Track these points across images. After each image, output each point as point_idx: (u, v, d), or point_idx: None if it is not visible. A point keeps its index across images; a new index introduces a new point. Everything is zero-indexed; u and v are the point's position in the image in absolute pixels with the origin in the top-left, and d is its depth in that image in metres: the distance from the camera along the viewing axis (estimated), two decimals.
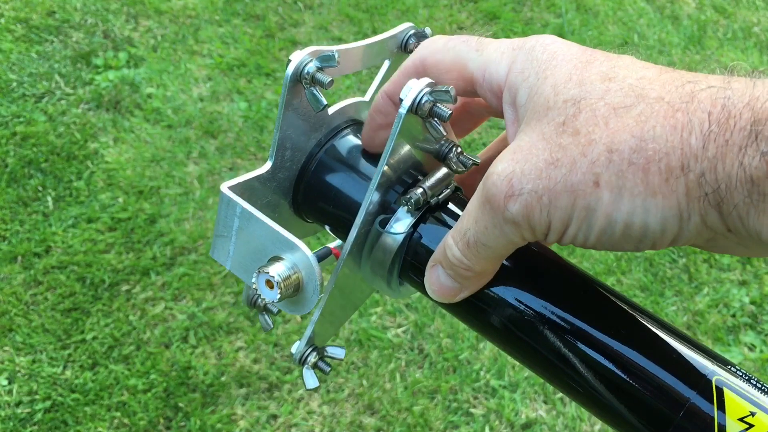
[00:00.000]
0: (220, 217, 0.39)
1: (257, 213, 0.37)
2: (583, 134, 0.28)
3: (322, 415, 1.46)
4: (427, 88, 0.34)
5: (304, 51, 0.38)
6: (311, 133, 0.42)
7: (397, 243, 0.38)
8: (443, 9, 2.49)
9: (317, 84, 0.38)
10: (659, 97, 0.28)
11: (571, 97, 0.29)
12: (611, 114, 0.28)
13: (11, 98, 2.04)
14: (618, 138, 0.27)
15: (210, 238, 1.73)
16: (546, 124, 0.29)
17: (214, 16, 2.38)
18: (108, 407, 1.44)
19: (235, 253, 0.39)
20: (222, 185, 0.38)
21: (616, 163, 0.27)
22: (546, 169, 0.28)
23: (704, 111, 0.26)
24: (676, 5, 2.58)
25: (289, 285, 0.35)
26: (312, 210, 0.44)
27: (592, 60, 0.31)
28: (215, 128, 2.01)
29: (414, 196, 0.37)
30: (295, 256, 0.36)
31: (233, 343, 1.55)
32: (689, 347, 0.33)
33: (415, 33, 0.45)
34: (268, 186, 0.41)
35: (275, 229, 0.36)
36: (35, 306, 1.59)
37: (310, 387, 0.40)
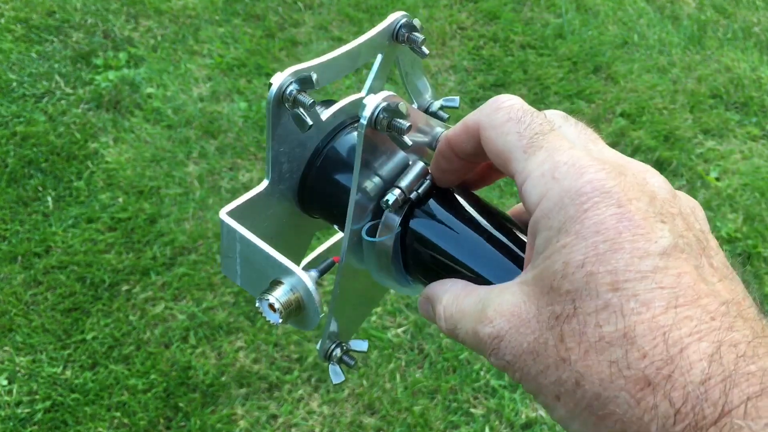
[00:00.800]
0: (223, 241, 0.40)
1: (254, 239, 0.38)
2: (564, 346, 0.28)
3: (322, 415, 1.46)
4: (383, 103, 0.35)
5: (285, 73, 0.39)
6: (306, 141, 0.42)
7: (389, 247, 0.39)
8: (443, 9, 2.49)
9: (299, 105, 0.39)
10: (642, 351, 0.26)
11: (575, 289, 0.28)
12: (594, 344, 0.27)
13: (11, 98, 2.04)
14: (587, 376, 0.27)
15: (210, 238, 1.73)
16: (544, 305, 0.29)
17: (214, 16, 2.38)
18: (108, 407, 1.44)
19: (242, 273, 0.40)
20: (221, 212, 0.40)
21: (578, 398, 0.28)
22: (526, 354, 0.29)
23: (673, 404, 0.25)
24: (676, 5, 2.58)
25: (289, 308, 0.37)
26: (318, 208, 0.44)
27: (617, 248, 0.28)
28: (215, 128, 2.01)
29: (391, 198, 0.37)
30: (293, 279, 0.37)
31: (233, 343, 1.55)
32: None
33: (406, 23, 0.45)
34: (271, 198, 0.42)
35: (271, 255, 0.37)
36: (35, 306, 1.59)
37: (337, 382, 0.41)
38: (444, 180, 0.39)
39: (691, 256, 0.28)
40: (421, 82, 0.49)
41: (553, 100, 2.19)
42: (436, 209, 0.39)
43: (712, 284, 0.28)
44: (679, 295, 0.27)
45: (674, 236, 0.28)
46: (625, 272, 0.27)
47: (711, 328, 0.26)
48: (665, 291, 0.27)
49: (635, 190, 0.29)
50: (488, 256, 0.37)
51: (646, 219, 0.28)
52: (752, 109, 2.20)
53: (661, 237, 0.28)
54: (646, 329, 0.26)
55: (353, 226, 0.38)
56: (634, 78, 2.28)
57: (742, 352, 0.26)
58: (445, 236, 0.38)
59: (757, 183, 1.98)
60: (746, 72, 2.32)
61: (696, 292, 0.27)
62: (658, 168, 2.00)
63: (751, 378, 0.25)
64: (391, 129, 0.36)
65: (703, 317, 0.26)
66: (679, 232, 0.29)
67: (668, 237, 0.28)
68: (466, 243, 0.38)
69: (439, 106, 0.51)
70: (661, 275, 0.27)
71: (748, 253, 1.80)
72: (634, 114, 2.16)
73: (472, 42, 2.38)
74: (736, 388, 0.25)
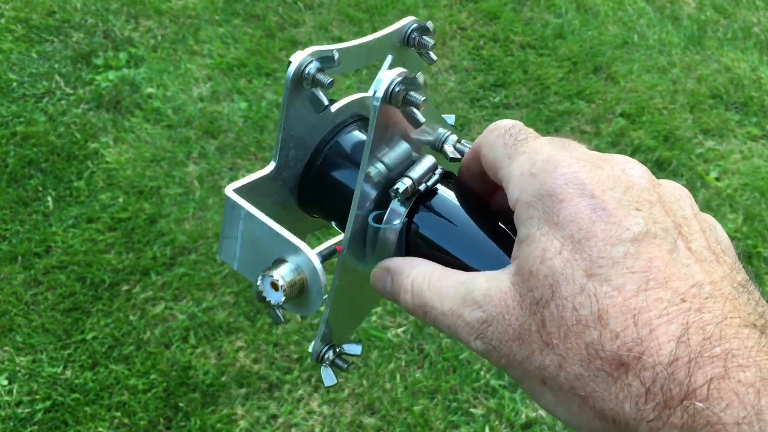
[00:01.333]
0: (225, 219, 0.39)
1: (261, 216, 0.37)
2: (546, 330, 0.29)
3: (322, 414, 1.46)
4: (398, 78, 0.35)
5: (305, 52, 0.38)
6: (315, 129, 0.42)
7: (394, 236, 0.38)
8: (443, 9, 2.50)
9: (318, 85, 0.38)
10: (614, 333, 0.28)
11: (552, 275, 0.29)
12: (571, 327, 0.28)
13: (11, 98, 2.04)
14: (569, 358, 0.29)
15: (210, 238, 1.73)
16: (525, 291, 0.30)
17: (214, 16, 2.38)
18: (108, 407, 1.44)
19: (241, 255, 0.39)
20: (227, 188, 0.39)
21: (561, 381, 0.29)
22: (512, 341, 0.30)
23: (644, 383, 0.27)
24: (676, 5, 2.58)
25: (293, 287, 0.36)
26: (318, 206, 0.44)
27: (591, 236, 0.29)
28: (215, 128, 2.01)
29: (401, 187, 0.37)
30: (299, 258, 0.36)
31: (233, 343, 1.55)
32: None
33: (418, 27, 0.45)
34: (274, 185, 0.41)
35: (278, 232, 0.37)
36: (35, 306, 1.59)
37: (329, 384, 0.40)
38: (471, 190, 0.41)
39: (665, 241, 0.29)
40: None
41: (553, 100, 2.19)
42: (444, 204, 0.39)
43: (687, 266, 0.29)
44: (650, 279, 0.28)
45: (647, 222, 0.29)
46: (598, 259, 0.29)
47: (680, 309, 0.27)
48: (636, 275, 0.28)
49: (610, 181, 0.31)
50: (494, 255, 0.37)
51: (620, 208, 0.30)
52: (752, 109, 2.20)
53: (634, 224, 0.29)
54: (618, 312, 0.28)
55: (358, 212, 0.38)
56: (634, 78, 2.28)
57: (708, 334, 0.26)
58: (449, 231, 0.38)
59: (757, 183, 1.98)
60: (746, 72, 2.32)
61: (667, 275, 0.28)
62: (658, 168, 2.00)
63: (715, 360, 0.26)
64: (406, 103, 0.36)
65: (674, 299, 0.28)
66: (654, 219, 0.30)
67: (641, 224, 0.29)
68: (471, 240, 0.38)
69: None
70: (632, 260, 0.28)
71: (748, 253, 1.80)
72: (634, 114, 2.16)
73: (472, 42, 2.38)
74: (700, 371, 0.26)
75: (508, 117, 2.13)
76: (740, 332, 0.27)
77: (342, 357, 0.42)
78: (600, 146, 2.05)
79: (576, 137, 2.11)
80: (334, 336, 0.42)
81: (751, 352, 0.26)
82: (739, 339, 0.26)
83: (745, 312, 0.28)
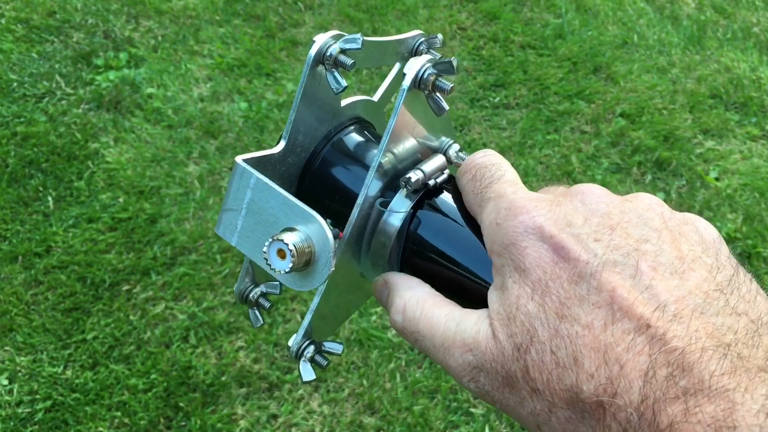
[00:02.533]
0: (231, 189, 0.38)
1: (272, 184, 0.37)
2: (530, 377, 0.30)
3: (322, 414, 1.46)
4: (428, 63, 0.35)
5: (328, 33, 0.39)
6: (324, 120, 0.42)
7: (397, 225, 0.38)
8: (443, 9, 2.50)
9: (339, 66, 0.39)
10: (589, 373, 0.28)
11: (529, 321, 0.30)
12: (552, 371, 0.29)
13: (12, 98, 2.04)
14: (557, 403, 0.29)
15: (210, 238, 1.73)
16: (507, 337, 0.31)
17: (214, 16, 2.38)
18: (108, 407, 1.44)
19: (243, 228, 0.38)
20: (237, 157, 0.38)
21: (554, 425, 0.29)
22: (503, 387, 0.31)
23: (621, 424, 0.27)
24: (676, 5, 2.58)
25: (302, 255, 0.35)
26: (316, 203, 0.44)
27: (556, 277, 0.30)
28: (216, 128, 2.01)
29: (414, 177, 0.38)
30: (310, 228, 0.35)
31: (233, 342, 1.55)
32: None
33: (426, 40, 0.45)
34: (277, 169, 0.41)
35: (291, 200, 0.36)
36: (36, 306, 1.60)
37: (307, 380, 0.40)
38: None
39: (626, 267, 0.29)
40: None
41: (553, 100, 2.19)
42: (448, 203, 0.39)
43: (649, 288, 0.29)
44: (616, 310, 0.28)
45: (606, 252, 0.30)
46: (566, 299, 0.29)
47: (646, 338, 0.27)
48: (602, 310, 0.28)
49: (568, 217, 0.32)
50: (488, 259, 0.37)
51: (578, 243, 0.30)
52: (752, 109, 2.21)
53: (593, 257, 0.30)
54: (589, 350, 0.28)
55: (369, 192, 0.38)
56: (634, 78, 2.28)
57: (673, 366, 0.26)
58: (450, 233, 0.38)
59: (757, 183, 1.98)
60: (746, 72, 2.32)
61: (630, 302, 0.28)
62: (658, 168, 2.00)
63: (677, 401, 0.26)
64: (435, 89, 0.36)
65: (639, 327, 0.28)
66: (613, 245, 0.30)
67: (600, 255, 0.30)
68: (470, 242, 0.38)
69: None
70: (596, 295, 0.29)
71: (748, 252, 1.80)
72: (633, 114, 2.16)
73: (472, 42, 2.38)
74: (664, 412, 0.26)
75: (508, 117, 2.14)
76: (703, 358, 0.26)
77: (322, 354, 0.42)
78: (600, 146, 2.05)
79: (576, 137, 2.11)
80: (315, 333, 0.41)
81: (713, 380, 0.26)
82: (702, 366, 0.26)
83: (715, 325, 0.27)
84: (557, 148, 2.04)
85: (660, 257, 0.30)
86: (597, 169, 1.99)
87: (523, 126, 2.09)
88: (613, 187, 1.93)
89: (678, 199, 1.93)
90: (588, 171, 1.99)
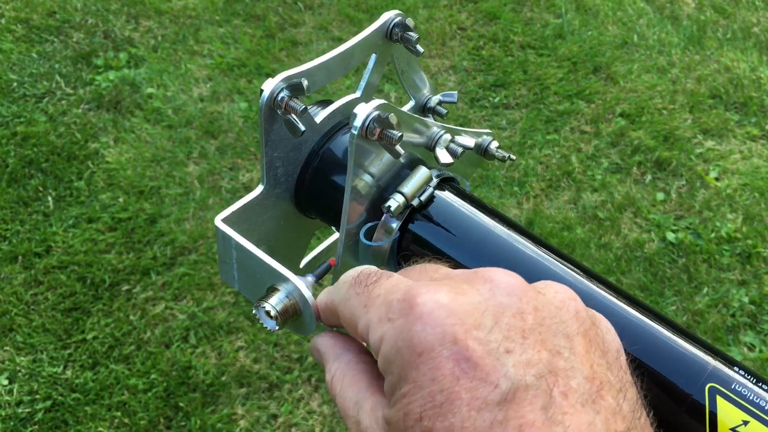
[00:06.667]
0: (219, 247, 0.40)
1: (249, 246, 0.38)
2: None
3: (322, 414, 1.46)
4: (374, 113, 0.35)
5: (276, 79, 0.38)
6: (301, 145, 0.42)
7: (386, 250, 0.39)
8: (443, 9, 2.50)
9: (291, 111, 0.38)
10: None
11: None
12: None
13: (12, 98, 2.04)
14: None
15: (210, 238, 1.74)
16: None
17: (214, 16, 2.38)
18: (108, 407, 1.44)
19: (239, 278, 0.40)
20: (216, 219, 0.39)
21: None
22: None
23: None
24: (676, 5, 2.58)
25: (286, 314, 0.36)
26: (315, 211, 0.44)
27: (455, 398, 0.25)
28: (215, 128, 2.01)
29: (393, 204, 0.38)
30: (289, 285, 0.36)
31: (233, 342, 1.55)
32: (688, 342, 0.33)
33: (399, 22, 0.44)
34: (268, 201, 0.42)
35: (266, 262, 0.37)
36: (36, 306, 1.60)
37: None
38: None
39: (538, 393, 0.25)
40: (419, 77, 0.49)
41: (552, 101, 2.19)
42: (438, 214, 0.39)
43: (562, 423, 0.25)
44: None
45: (518, 372, 0.25)
46: (461, 429, 0.24)
47: None
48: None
49: (476, 313, 0.27)
50: (484, 261, 0.37)
51: (487, 355, 0.25)
52: (752, 109, 2.21)
53: (502, 379, 0.25)
54: None
55: (348, 226, 0.38)
56: (634, 78, 2.28)
57: None
58: (443, 241, 0.39)
59: (757, 183, 1.98)
60: (746, 72, 2.32)
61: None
62: (658, 168, 2.00)
63: None
64: (383, 139, 0.36)
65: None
66: (526, 361, 0.26)
67: (510, 377, 0.25)
68: (464, 248, 0.38)
69: (438, 102, 0.51)
70: (500, 430, 0.24)
71: (748, 253, 1.80)
72: (633, 114, 2.16)
73: (472, 42, 2.38)
74: None
75: (507, 117, 2.13)
76: None
77: None
78: (600, 146, 2.05)
79: (576, 137, 2.11)
80: None
81: None
82: None
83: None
84: (557, 148, 2.04)
85: (572, 380, 0.26)
86: (597, 169, 1.99)
87: (523, 126, 2.09)
88: (613, 187, 1.94)
89: (678, 199, 1.93)
90: (588, 171, 1.99)
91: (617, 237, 1.82)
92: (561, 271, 0.36)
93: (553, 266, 0.36)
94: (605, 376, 0.27)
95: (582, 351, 0.27)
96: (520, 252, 0.37)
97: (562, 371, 0.26)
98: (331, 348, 0.34)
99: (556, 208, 1.89)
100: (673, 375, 0.32)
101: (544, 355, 0.26)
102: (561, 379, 0.25)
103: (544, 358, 0.26)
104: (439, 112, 0.51)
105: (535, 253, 0.37)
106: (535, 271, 0.36)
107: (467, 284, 0.28)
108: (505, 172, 1.97)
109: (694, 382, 0.31)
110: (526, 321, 0.27)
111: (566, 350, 0.27)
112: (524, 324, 0.27)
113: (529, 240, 0.38)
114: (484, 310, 0.27)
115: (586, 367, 0.26)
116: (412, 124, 0.40)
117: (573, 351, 0.27)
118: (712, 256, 1.79)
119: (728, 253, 1.80)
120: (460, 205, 0.40)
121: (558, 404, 0.25)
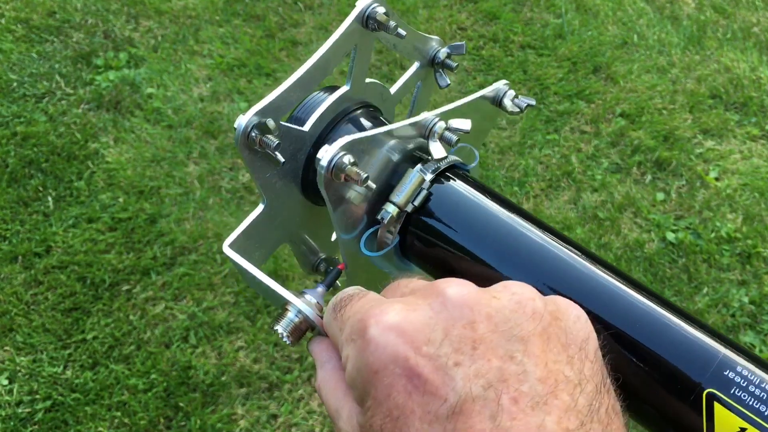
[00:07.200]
0: (236, 268, 0.42)
1: (256, 273, 0.39)
2: None
3: (322, 414, 1.46)
4: (341, 152, 0.35)
5: (247, 115, 0.38)
6: (296, 152, 0.42)
7: (391, 253, 0.40)
8: (443, 9, 2.50)
9: (266, 147, 0.38)
10: None
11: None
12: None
13: (12, 98, 2.04)
14: None
15: (210, 238, 1.74)
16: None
17: (214, 16, 2.38)
18: (108, 407, 1.44)
19: (260, 292, 0.42)
20: (224, 245, 0.41)
21: None
22: None
23: None
24: (676, 5, 2.58)
25: (297, 331, 0.37)
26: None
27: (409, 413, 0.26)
28: (215, 128, 2.01)
29: (386, 216, 0.38)
30: (297, 304, 0.38)
31: (233, 342, 1.55)
32: (696, 329, 0.32)
33: (371, 14, 0.43)
34: (274, 211, 0.43)
35: (271, 288, 0.38)
36: (36, 306, 1.60)
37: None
38: None
39: (486, 404, 0.25)
40: (417, 40, 0.48)
41: (552, 101, 2.19)
42: (436, 212, 0.39)
43: (510, 430, 0.25)
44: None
45: (466, 383, 0.26)
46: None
47: None
48: None
49: (427, 328, 0.27)
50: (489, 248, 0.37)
51: (436, 370, 0.26)
52: (751, 109, 2.21)
53: (451, 392, 0.26)
54: None
55: (350, 235, 0.39)
56: (634, 78, 2.28)
57: None
58: (442, 237, 0.39)
59: (757, 183, 1.98)
60: (746, 72, 2.32)
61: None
62: (658, 168, 2.00)
63: None
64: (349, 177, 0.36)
65: None
66: (475, 371, 0.26)
67: (458, 389, 0.26)
68: (465, 241, 0.38)
69: (446, 54, 0.50)
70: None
71: (748, 253, 1.80)
72: (633, 114, 2.16)
73: (472, 42, 2.38)
74: None
75: (507, 117, 2.13)
76: None
77: None
78: (600, 146, 2.05)
79: (576, 137, 2.11)
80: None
81: None
82: None
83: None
84: (557, 148, 2.04)
85: (523, 384, 0.26)
86: (597, 169, 1.99)
87: (523, 126, 2.09)
88: (613, 187, 1.94)
89: (678, 199, 1.93)
90: (588, 171, 1.99)
91: (617, 237, 1.82)
92: (563, 254, 0.36)
93: (556, 250, 0.36)
94: (561, 374, 0.27)
95: (537, 351, 0.27)
96: (522, 239, 0.36)
97: (514, 376, 0.26)
98: (318, 354, 0.35)
99: (556, 208, 1.89)
100: (682, 363, 0.31)
101: (494, 363, 0.26)
102: (512, 384, 0.26)
103: (494, 367, 0.26)
104: (449, 65, 0.50)
105: (539, 237, 0.36)
106: (536, 258, 0.36)
107: (422, 299, 0.29)
108: (505, 172, 1.97)
109: (705, 370, 0.31)
110: (476, 331, 0.27)
111: (520, 353, 0.27)
112: (475, 334, 0.27)
113: (531, 223, 0.37)
114: (434, 325, 0.27)
115: (539, 368, 0.27)
116: (381, 139, 0.39)
117: (527, 353, 0.27)
118: (712, 256, 1.79)
119: (728, 253, 1.80)
120: (458, 198, 0.39)
121: (507, 411, 0.25)
